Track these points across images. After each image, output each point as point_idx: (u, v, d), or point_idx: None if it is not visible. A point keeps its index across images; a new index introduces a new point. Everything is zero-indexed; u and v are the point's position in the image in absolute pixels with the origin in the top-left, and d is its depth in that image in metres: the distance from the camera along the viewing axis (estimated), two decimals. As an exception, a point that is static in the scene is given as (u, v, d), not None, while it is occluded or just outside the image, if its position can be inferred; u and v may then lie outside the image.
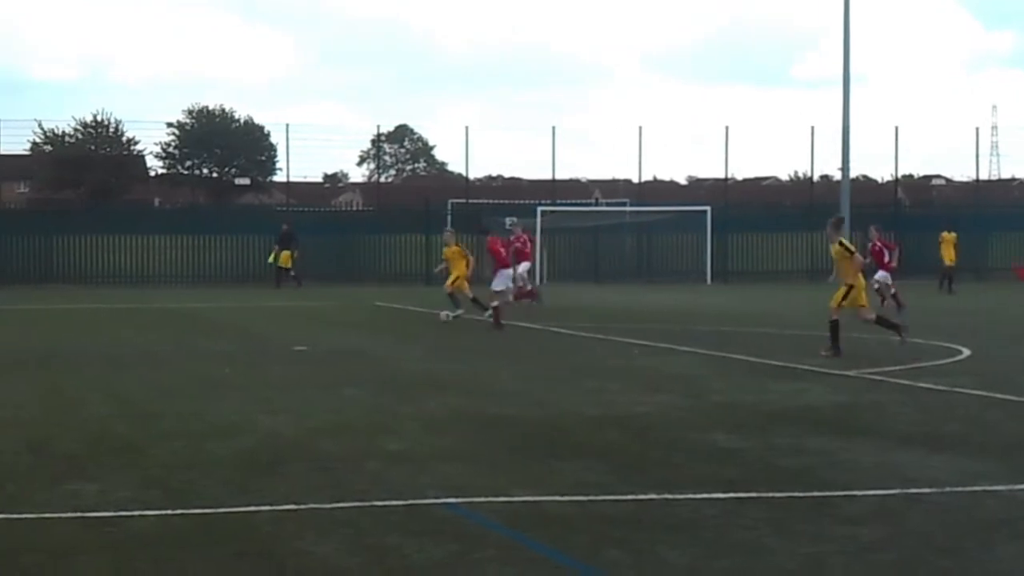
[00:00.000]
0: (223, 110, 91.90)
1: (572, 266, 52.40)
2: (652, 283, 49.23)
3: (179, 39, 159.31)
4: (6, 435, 12.98)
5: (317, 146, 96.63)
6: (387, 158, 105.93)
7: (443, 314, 28.10)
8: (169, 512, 9.51)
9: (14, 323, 28.91)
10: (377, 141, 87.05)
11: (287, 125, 59.76)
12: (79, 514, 9.42)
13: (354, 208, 77.40)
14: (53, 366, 19.71)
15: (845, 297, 20.65)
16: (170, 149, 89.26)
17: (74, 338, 25.13)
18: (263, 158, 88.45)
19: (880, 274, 30.97)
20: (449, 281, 28.62)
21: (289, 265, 46.23)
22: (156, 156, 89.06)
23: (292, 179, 66.12)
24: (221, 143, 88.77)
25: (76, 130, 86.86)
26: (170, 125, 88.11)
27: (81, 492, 10.19)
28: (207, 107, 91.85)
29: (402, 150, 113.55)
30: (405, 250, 50.98)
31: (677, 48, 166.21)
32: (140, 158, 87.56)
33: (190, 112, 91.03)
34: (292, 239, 46.73)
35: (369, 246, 51.52)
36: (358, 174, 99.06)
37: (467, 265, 28.66)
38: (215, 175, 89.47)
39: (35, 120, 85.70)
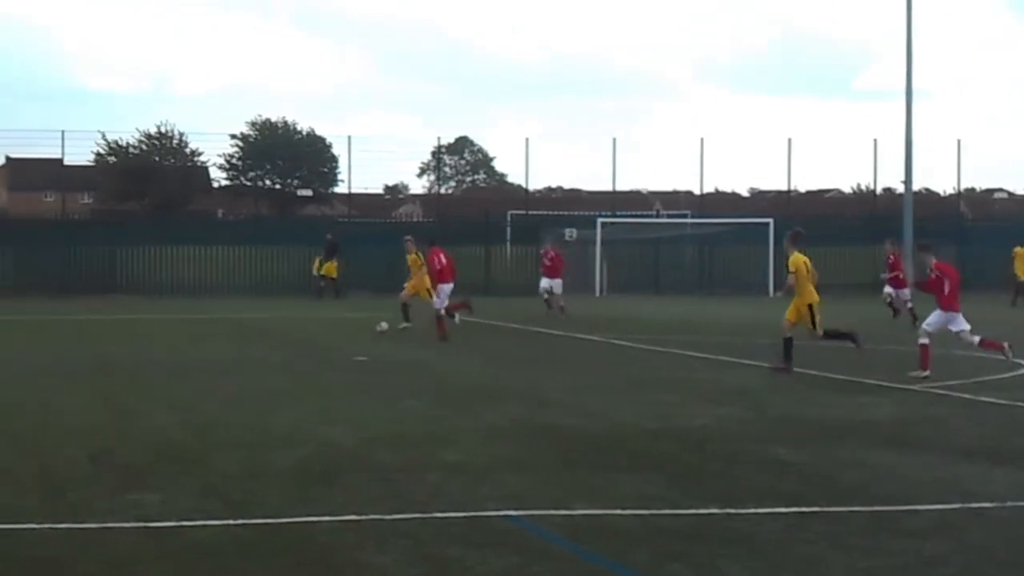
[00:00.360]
0: (286, 122, 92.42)
1: (632, 277, 52.21)
2: (714, 295, 49.04)
3: (242, 51, 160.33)
4: (68, 444, 13.11)
5: (378, 158, 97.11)
6: (447, 170, 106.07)
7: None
8: (230, 522, 9.56)
9: (78, 333, 29.13)
10: (437, 153, 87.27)
11: (349, 137, 60.28)
12: (141, 524, 9.48)
13: (414, 219, 77.58)
14: (115, 376, 19.89)
15: (812, 316, 20.77)
16: (233, 161, 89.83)
17: (136, 348, 25.33)
18: (325, 170, 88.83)
19: (897, 290, 31.54)
20: (409, 289, 29.26)
21: (334, 275, 46.46)
22: (219, 168, 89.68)
23: (353, 190, 66.47)
24: (284, 155, 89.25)
25: (140, 141, 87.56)
26: (233, 137, 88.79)
27: (142, 502, 10.26)
28: (270, 119, 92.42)
29: (462, 162, 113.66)
30: (465, 261, 50.71)
31: (738, 59, 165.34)
32: (204, 169, 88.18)
33: (253, 124, 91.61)
34: (336, 249, 46.90)
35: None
36: (418, 185, 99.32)
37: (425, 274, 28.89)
38: (277, 186, 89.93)
39: (99, 131, 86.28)
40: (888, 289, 32.34)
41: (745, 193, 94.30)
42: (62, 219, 58.21)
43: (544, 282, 36.33)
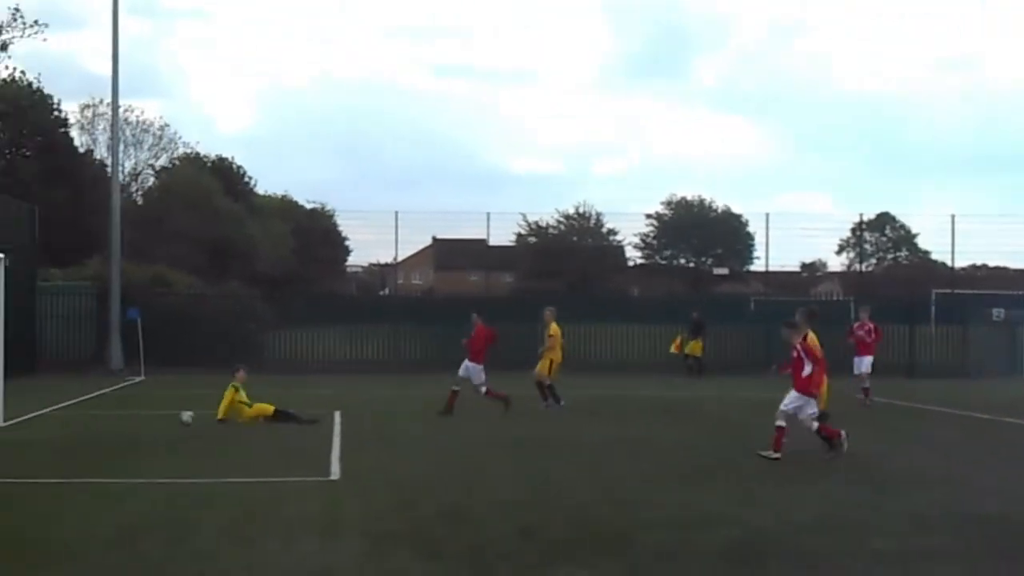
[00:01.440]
0: (701, 200, 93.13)
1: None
2: None
3: (659, 131, 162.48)
4: (498, 517, 13.47)
5: (795, 235, 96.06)
6: (867, 246, 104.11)
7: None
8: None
9: (500, 410, 29.84)
10: (858, 229, 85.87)
11: (767, 214, 60.01)
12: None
13: (833, 298, 76.42)
14: (540, 451, 20.26)
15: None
16: (648, 240, 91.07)
17: (557, 423, 25.77)
18: (740, 247, 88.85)
19: None
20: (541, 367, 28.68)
21: (699, 354, 45.97)
22: (635, 247, 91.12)
23: (770, 268, 66.11)
24: (699, 233, 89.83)
25: (559, 222, 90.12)
26: (649, 216, 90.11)
27: (571, 579, 10.44)
28: (685, 198, 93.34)
29: (883, 238, 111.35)
30: (888, 341, 49.66)
31: None
32: (619, 248, 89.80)
33: (668, 203, 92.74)
34: (702, 328, 46.42)
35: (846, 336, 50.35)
36: (837, 263, 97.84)
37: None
38: (692, 265, 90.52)
39: (520, 213, 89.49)
40: None
41: None
42: (485, 297, 60.17)
43: (859, 362, 31.46)
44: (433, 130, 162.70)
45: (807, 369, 19.41)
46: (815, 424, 19.56)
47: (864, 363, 31.24)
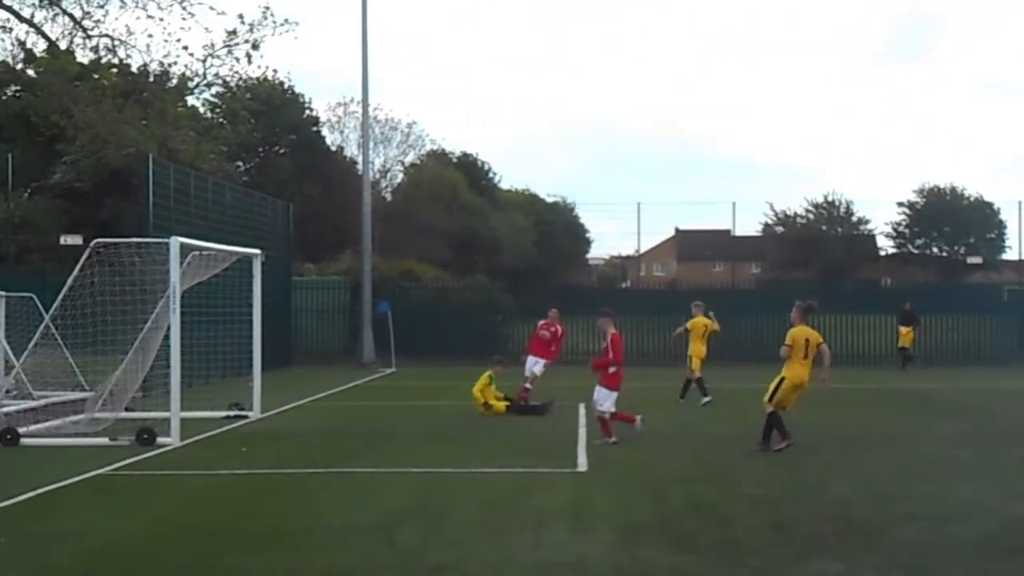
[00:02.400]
0: (953, 188, 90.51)
1: None
2: None
3: (909, 117, 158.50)
4: (754, 513, 13.35)
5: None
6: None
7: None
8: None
9: (736, 404, 29.30)
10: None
11: (1020, 202, 58.05)
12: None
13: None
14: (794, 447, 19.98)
15: (776, 389, 19.19)
16: (900, 229, 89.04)
17: (808, 418, 25.36)
18: (992, 236, 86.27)
19: None
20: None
21: (909, 344, 44.49)
22: (886, 236, 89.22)
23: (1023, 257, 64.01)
24: (951, 221, 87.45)
25: (807, 211, 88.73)
26: (900, 205, 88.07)
27: (825, 571, 10.32)
28: (937, 186, 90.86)
29: None
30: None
31: None
32: (870, 238, 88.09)
33: (921, 191, 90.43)
34: (913, 318, 44.92)
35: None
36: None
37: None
38: (944, 254, 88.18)
39: (767, 202, 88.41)
40: None
41: None
42: (731, 288, 59.74)
43: None
44: (675, 119, 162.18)
45: (611, 358, 19.69)
46: (607, 414, 19.81)
47: None
